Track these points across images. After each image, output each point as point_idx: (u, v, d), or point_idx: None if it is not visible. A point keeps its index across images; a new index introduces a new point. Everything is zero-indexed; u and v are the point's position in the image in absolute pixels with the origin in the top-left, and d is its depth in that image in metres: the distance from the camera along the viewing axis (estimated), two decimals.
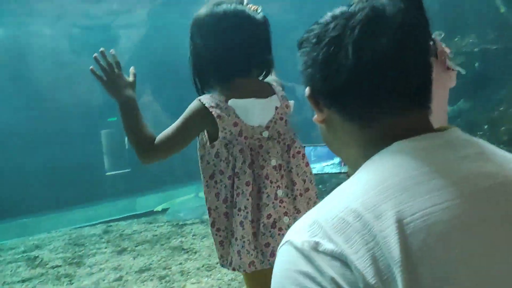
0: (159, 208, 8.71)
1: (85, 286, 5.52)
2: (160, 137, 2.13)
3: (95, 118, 11.81)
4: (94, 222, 9.74)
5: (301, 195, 2.15)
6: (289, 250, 0.78)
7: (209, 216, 2.14)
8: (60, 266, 6.72)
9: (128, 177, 12.09)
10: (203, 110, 2.04)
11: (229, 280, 4.97)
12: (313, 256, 0.74)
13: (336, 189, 0.83)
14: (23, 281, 6.17)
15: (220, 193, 2.05)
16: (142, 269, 5.88)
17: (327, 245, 0.74)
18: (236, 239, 2.04)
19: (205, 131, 2.13)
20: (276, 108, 2.10)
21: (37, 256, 7.60)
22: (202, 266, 5.57)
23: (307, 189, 2.18)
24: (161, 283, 5.18)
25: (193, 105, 2.09)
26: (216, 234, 2.12)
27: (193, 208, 9.01)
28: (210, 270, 5.39)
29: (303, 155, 2.17)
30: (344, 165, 2.35)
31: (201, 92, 2.15)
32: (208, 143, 2.12)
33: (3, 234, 9.54)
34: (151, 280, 5.36)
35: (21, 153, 10.73)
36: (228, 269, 2.16)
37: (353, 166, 0.90)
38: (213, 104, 1.99)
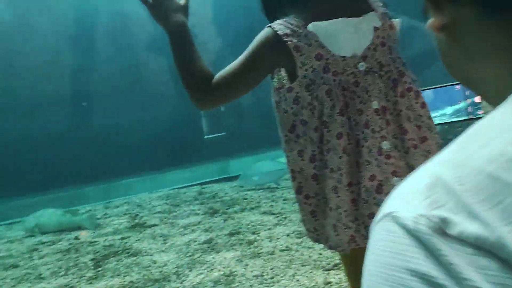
0: (247, 172, 8.42)
1: (177, 246, 5.38)
2: (220, 75, 1.59)
3: None
4: (190, 184, 9.81)
5: (415, 147, 1.49)
6: (392, 231, 0.43)
7: (293, 181, 1.61)
8: (157, 225, 6.73)
9: (223, 140, 12.04)
10: (275, 40, 1.47)
11: (321, 248, 4.46)
12: (437, 244, 0.40)
13: (468, 132, 0.48)
14: (123, 238, 6.25)
15: (305, 150, 1.54)
16: (231, 232, 5.60)
17: (466, 225, 0.39)
18: (330, 209, 1.53)
19: (279, 69, 1.50)
20: (376, 29, 1.43)
21: (138, 215, 7.76)
22: (292, 233, 5.13)
23: (423, 139, 1.51)
24: (250, 248, 4.83)
25: (262, 34, 1.51)
26: (305, 203, 1.61)
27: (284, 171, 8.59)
28: (300, 237, 4.92)
29: (416, 93, 1.49)
30: (473, 108, 1.66)
31: (272, 19, 1.51)
32: (284, 85, 1.50)
33: (110, 193, 9.99)
34: (240, 244, 5.05)
35: (125, 118, 11.09)
36: (325, 246, 1.58)
37: (494, 96, 0.54)
38: (288, 32, 1.44)
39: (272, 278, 3.83)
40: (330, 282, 3.51)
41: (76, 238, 6.69)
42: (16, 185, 9.56)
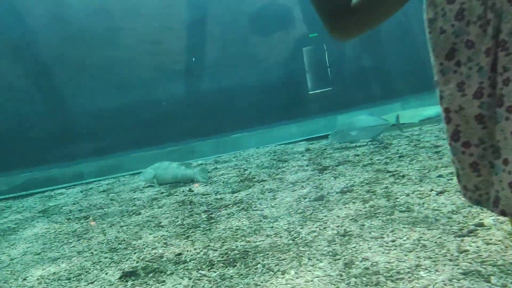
0: (341, 128, 7.84)
1: (287, 202, 5.18)
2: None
3: (297, 34, 11.34)
4: (297, 140, 9.54)
5: None
6: None
7: (447, 123, 1.26)
8: (265, 180, 6.61)
9: (329, 95, 11.50)
10: None
11: (449, 211, 3.91)
12: None
13: None
14: (233, 192, 6.24)
15: (467, 82, 1.19)
16: (343, 190, 5.23)
17: None
18: (505, 161, 1.16)
19: None
20: None
21: (246, 170, 7.73)
22: (412, 193, 4.60)
23: None
24: (365, 207, 4.43)
25: None
26: (464, 152, 1.27)
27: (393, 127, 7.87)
28: (422, 198, 4.39)
29: None
30: None
31: None
32: None
33: (220, 148, 10.16)
34: (353, 202, 4.67)
35: (232, 76, 11.06)
36: (492, 210, 1.16)
37: None
38: None
39: (393, 241, 3.42)
40: (466, 251, 3.00)
41: (190, 190, 6.85)
42: (138, 140, 10.15)
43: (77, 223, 5.95)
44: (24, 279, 4.06)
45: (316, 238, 3.83)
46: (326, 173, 6.26)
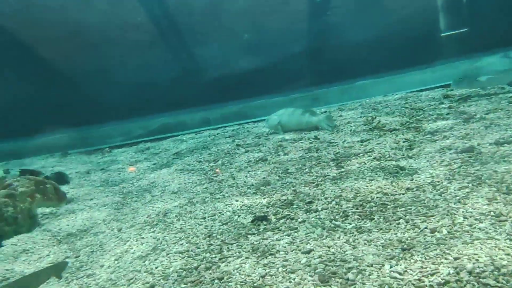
0: (467, 73, 6.65)
1: (427, 153, 4.60)
2: None
3: None
4: (431, 86, 8.56)
5: None
6: None
7: None
8: (397, 129, 6.03)
9: (465, 37, 10.06)
10: None
11: None
12: None
13: None
14: (362, 141, 5.81)
15: None
16: (499, 141, 4.46)
17: None
18: None
19: None
20: None
21: (375, 118, 7.17)
22: None
23: None
24: None
25: None
26: None
27: None
28: None
29: None
30: None
31: None
32: None
33: (344, 96, 9.61)
34: None
35: (358, 20, 10.22)
36: None
37: None
38: None
39: None
40: None
41: (316, 137, 6.57)
42: (263, 87, 10.07)
43: (207, 166, 6.09)
44: (164, 215, 4.22)
45: (470, 195, 3.28)
46: (473, 122, 5.45)
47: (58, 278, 2.86)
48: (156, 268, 3.09)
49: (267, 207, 3.93)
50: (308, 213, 3.63)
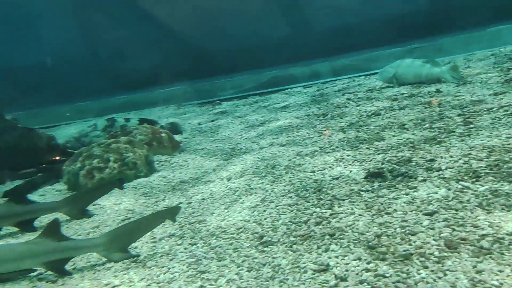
0: None
1: None
2: None
3: None
4: None
5: None
6: None
7: None
8: None
9: None
10: None
11: None
12: None
13: None
14: (495, 94, 5.07)
15: None
16: None
17: None
18: None
19: None
20: None
21: (511, 69, 6.23)
22: None
23: None
24: None
25: None
26: None
27: None
28: None
29: None
30: None
31: None
32: None
33: (472, 45, 8.52)
34: None
35: None
36: None
37: None
38: None
39: None
40: None
41: (438, 91, 5.92)
42: (375, 38, 9.36)
43: (316, 120, 5.88)
44: (273, 167, 4.16)
45: None
46: None
47: (172, 221, 2.96)
48: (264, 219, 3.04)
49: (382, 164, 3.63)
50: (429, 172, 3.26)
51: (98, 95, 10.41)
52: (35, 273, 2.65)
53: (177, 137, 6.05)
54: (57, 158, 5.44)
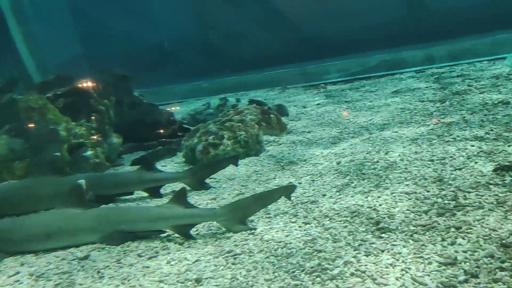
0: None
1: None
2: None
3: None
4: None
5: None
6: None
7: None
8: None
9: None
10: None
11: None
12: None
13: None
14: None
15: None
16: None
17: None
18: None
19: None
20: None
21: None
22: None
23: None
24: None
25: None
26: None
27: None
28: None
29: None
30: None
31: None
32: None
33: None
34: None
35: None
36: None
37: None
38: None
39: None
40: None
41: None
42: (502, 18, 8.47)
43: (432, 106, 5.54)
44: (386, 153, 4.03)
45: None
46: None
47: (288, 199, 3.02)
48: (379, 205, 2.96)
49: None
50: None
51: (209, 75, 10.90)
52: (164, 234, 2.90)
53: (283, 119, 6.12)
54: (175, 133, 5.84)
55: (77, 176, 3.63)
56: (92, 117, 5.04)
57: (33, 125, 4.57)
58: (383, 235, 2.55)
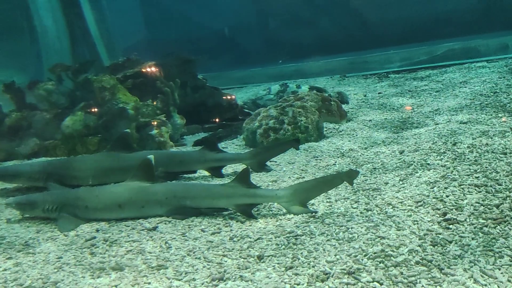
0: None
1: None
2: None
3: None
4: None
5: None
6: None
7: None
8: None
9: None
10: None
11: None
12: None
13: None
14: None
15: None
16: None
17: None
18: None
19: None
20: None
21: None
22: None
23: None
24: None
25: None
26: None
27: None
28: None
29: None
30: None
31: None
32: None
33: None
34: None
35: None
36: None
37: None
38: None
39: None
40: None
41: None
42: None
43: (505, 98, 5.23)
44: (454, 145, 3.87)
45: None
46: None
47: (350, 185, 2.99)
48: (446, 196, 2.86)
49: None
50: None
51: (268, 62, 10.92)
52: (226, 212, 2.98)
53: (344, 107, 6.02)
54: (236, 116, 5.94)
55: (145, 152, 3.80)
56: (158, 98, 5.23)
57: (105, 103, 4.82)
58: (450, 226, 2.47)
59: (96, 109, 4.81)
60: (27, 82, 5.53)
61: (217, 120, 5.89)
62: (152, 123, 4.86)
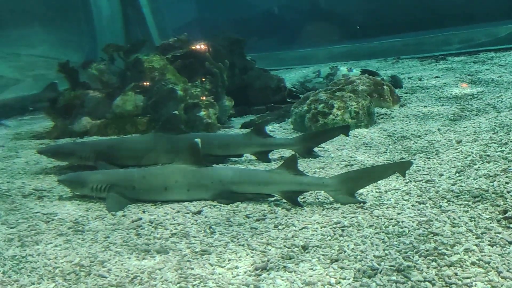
0: None
1: None
2: None
3: None
4: None
5: None
6: None
7: None
8: None
9: None
10: None
11: None
12: None
13: None
14: None
15: None
16: None
17: None
18: None
19: None
20: None
21: None
22: None
23: None
24: None
25: None
26: None
27: None
28: None
29: None
30: None
31: None
32: None
33: None
34: None
35: None
36: None
37: None
38: None
39: None
40: None
41: None
42: None
43: None
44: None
45: None
46: None
47: (403, 176, 2.85)
48: (507, 192, 2.67)
49: None
50: None
51: (318, 43, 10.65)
52: (272, 199, 2.93)
53: (397, 91, 5.77)
54: (284, 99, 5.84)
55: (192, 134, 3.81)
56: (206, 79, 5.22)
57: (154, 84, 4.87)
58: (511, 225, 2.30)
59: (146, 90, 4.87)
60: (82, 61, 5.70)
61: (267, 102, 5.82)
62: (200, 104, 4.87)
